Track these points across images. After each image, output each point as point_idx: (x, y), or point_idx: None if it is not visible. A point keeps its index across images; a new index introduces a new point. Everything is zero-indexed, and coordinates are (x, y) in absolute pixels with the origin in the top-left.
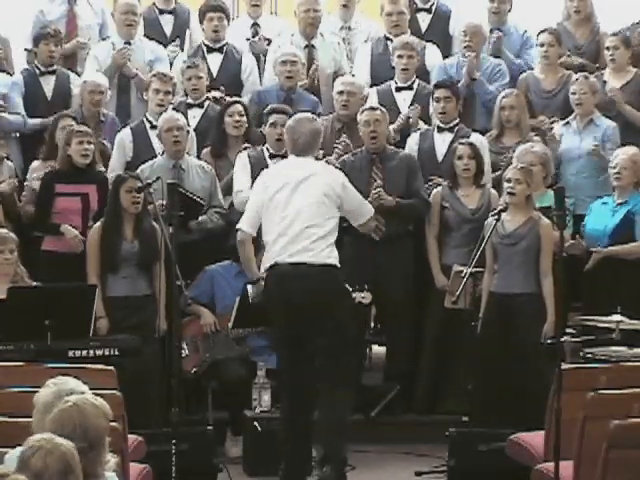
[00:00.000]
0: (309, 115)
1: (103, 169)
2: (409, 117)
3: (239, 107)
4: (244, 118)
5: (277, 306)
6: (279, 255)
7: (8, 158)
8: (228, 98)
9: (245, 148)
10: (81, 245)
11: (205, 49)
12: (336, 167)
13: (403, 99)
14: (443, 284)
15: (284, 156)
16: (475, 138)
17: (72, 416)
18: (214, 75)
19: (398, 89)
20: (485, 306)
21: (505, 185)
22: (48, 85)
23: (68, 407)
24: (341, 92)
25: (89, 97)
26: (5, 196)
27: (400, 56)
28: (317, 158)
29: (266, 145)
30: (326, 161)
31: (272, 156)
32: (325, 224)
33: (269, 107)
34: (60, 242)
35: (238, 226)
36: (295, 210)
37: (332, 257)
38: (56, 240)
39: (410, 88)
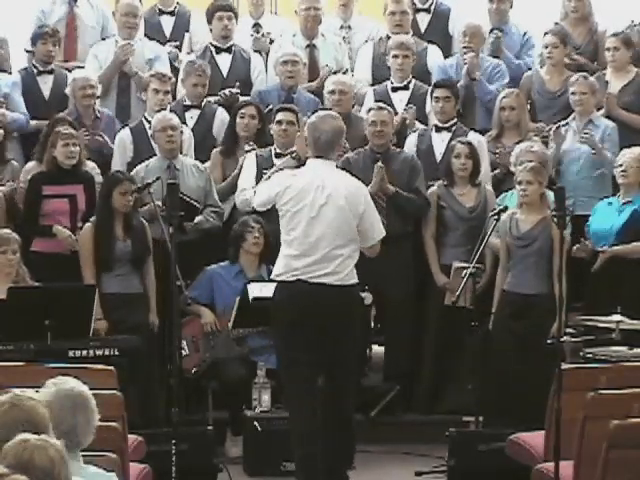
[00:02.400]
0: (332, 112)
1: (89, 168)
2: (405, 118)
3: (251, 109)
4: (255, 120)
5: (292, 321)
6: (303, 274)
7: (13, 159)
8: (240, 97)
9: (252, 149)
10: (74, 245)
11: (214, 50)
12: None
13: (399, 99)
14: (443, 282)
15: (290, 154)
16: (473, 137)
17: (15, 416)
18: (224, 75)
19: (394, 89)
20: (497, 304)
21: (517, 187)
22: (46, 84)
23: (7, 409)
24: (332, 91)
25: (81, 93)
26: (7, 196)
27: (395, 56)
28: None
29: (274, 145)
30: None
31: (277, 155)
32: (349, 244)
33: (278, 106)
34: (49, 243)
35: (256, 207)
36: (320, 232)
37: (354, 277)
38: (45, 241)
39: (406, 88)
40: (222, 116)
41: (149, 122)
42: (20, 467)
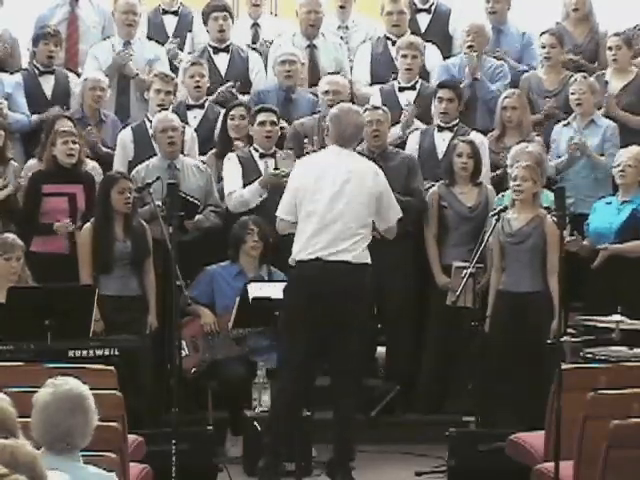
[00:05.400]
0: (354, 107)
1: (89, 168)
2: (405, 115)
3: (241, 110)
4: (245, 121)
5: (306, 297)
6: (320, 250)
7: (13, 159)
8: (239, 96)
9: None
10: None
11: (211, 50)
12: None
13: (406, 99)
14: (445, 282)
15: (273, 155)
16: (475, 137)
17: None
18: (222, 75)
19: (401, 89)
20: (493, 305)
21: (511, 183)
22: (47, 84)
23: None
24: (327, 92)
25: (90, 94)
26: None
27: (404, 56)
28: None
29: (254, 145)
30: None
31: (262, 155)
32: (365, 225)
33: (257, 106)
34: (48, 243)
35: (279, 215)
36: (339, 210)
37: (368, 257)
38: (44, 241)
39: (413, 88)
40: None
41: (151, 122)
42: (4, 467)
